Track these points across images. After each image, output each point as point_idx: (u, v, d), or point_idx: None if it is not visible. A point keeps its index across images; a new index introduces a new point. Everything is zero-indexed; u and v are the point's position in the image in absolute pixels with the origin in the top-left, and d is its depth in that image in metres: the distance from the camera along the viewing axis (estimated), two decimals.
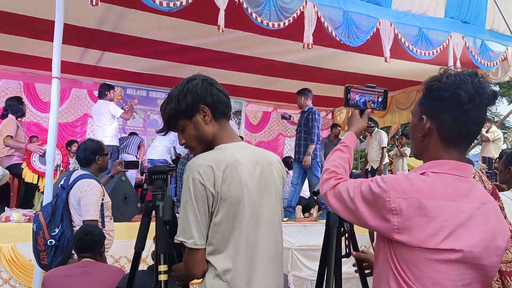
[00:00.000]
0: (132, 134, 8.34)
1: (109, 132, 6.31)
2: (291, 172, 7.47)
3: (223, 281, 1.54)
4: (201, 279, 1.60)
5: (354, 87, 1.75)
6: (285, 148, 11.66)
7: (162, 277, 1.90)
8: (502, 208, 2.32)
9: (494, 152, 7.59)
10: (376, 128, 8.36)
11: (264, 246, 1.62)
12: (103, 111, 6.32)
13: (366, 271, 1.90)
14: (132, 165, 3.85)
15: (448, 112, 1.29)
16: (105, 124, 6.32)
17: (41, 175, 5.34)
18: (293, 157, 7.18)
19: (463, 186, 1.28)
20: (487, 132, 7.87)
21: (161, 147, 7.17)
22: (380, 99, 1.77)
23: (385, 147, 8.46)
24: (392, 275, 1.27)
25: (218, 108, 1.68)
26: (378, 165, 8.38)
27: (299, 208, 7.36)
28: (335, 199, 1.40)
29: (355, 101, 1.74)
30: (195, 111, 1.66)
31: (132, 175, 7.13)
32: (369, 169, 8.65)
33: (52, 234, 3.12)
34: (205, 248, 1.56)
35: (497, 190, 2.34)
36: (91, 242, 2.84)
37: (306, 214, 7.45)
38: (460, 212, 1.24)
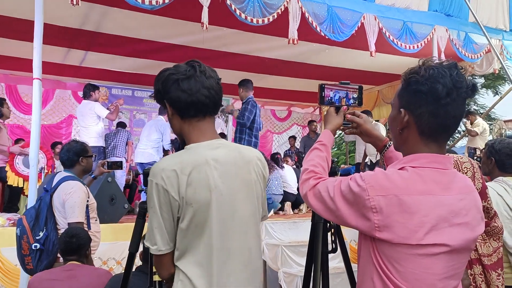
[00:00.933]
0: (119, 125, 7.99)
1: (94, 133, 6.23)
2: (281, 170, 7.47)
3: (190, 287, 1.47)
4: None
5: (327, 84, 1.73)
6: (273, 144, 11.66)
7: (157, 278, 1.88)
8: (490, 208, 2.32)
9: (480, 144, 7.65)
10: (374, 121, 8.30)
11: (237, 252, 1.51)
12: (87, 112, 6.24)
13: (353, 130, 1.75)
14: (116, 165, 3.80)
15: (426, 106, 1.27)
16: (90, 125, 6.24)
17: (25, 178, 5.26)
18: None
19: (443, 179, 1.27)
20: (472, 125, 7.92)
21: (149, 149, 7.06)
22: (355, 95, 1.76)
23: None
24: (376, 272, 1.26)
25: (179, 107, 1.55)
26: (375, 157, 8.32)
27: (288, 204, 7.37)
28: (315, 199, 1.38)
29: (329, 98, 1.73)
30: (164, 102, 1.60)
31: (122, 176, 7.07)
32: (369, 163, 8.62)
33: (37, 238, 3.06)
34: (172, 252, 1.51)
35: (487, 190, 2.34)
36: (76, 244, 2.79)
37: (296, 211, 7.46)
38: (441, 206, 1.23)
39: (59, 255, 3.09)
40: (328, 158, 1.56)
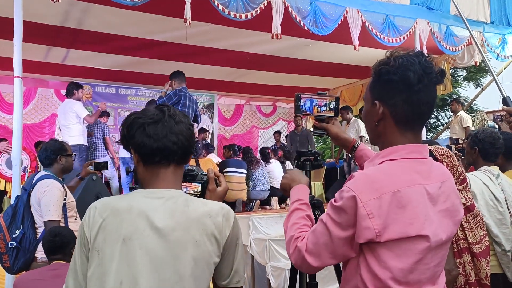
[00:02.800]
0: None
1: (75, 132, 6.16)
2: (269, 165, 7.49)
3: None
4: None
5: (303, 94, 1.75)
6: (259, 140, 11.68)
7: None
8: (468, 188, 2.36)
9: (461, 135, 7.75)
10: (354, 117, 8.36)
11: None
12: (68, 110, 6.18)
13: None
14: (102, 165, 3.77)
15: (399, 95, 1.28)
16: (71, 123, 6.17)
17: (8, 180, 5.20)
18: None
19: (423, 168, 1.29)
20: (454, 113, 8.01)
21: None
22: (331, 106, 1.78)
23: (363, 136, 8.45)
24: (361, 279, 1.25)
25: (143, 153, 1.40)
26: None
27: (275, 199, 7.40)
28: (316, 258, 1.28)
29: (304, 104, 1.75)
30: (129, 148, 1.46)
31: (114, 176, 7.03)
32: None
33: (13, 236, 3.08)
34: None
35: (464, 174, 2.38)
36: (60, 243, 2.77)
37: (283, 205, 7.49)
38: (426, 194, 1.24)
39: (37, 255, 3.12)
40: (310, 216, 1.47)
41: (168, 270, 1.29)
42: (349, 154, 1.73)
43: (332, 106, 1.79)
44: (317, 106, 1.76)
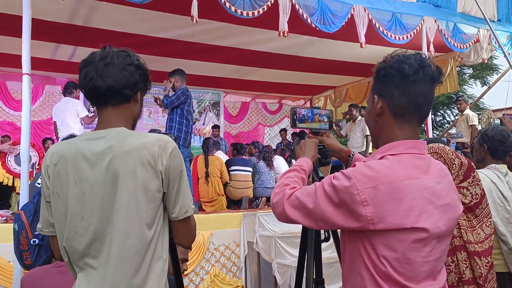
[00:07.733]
0: None
1: (76, 130, 6.12)
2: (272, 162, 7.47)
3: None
4: None
5: (299, 108, 1.82)
6: (265, 137, 11.69)
7: None
8: (478, 180, 2.34)
9: (468, 133, 7.69)
10: (360, 117, 8.33)
11: (111, 245, 1.41)
12: (70, 108, 6.13)
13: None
14: None
15: (396, 87, 1.33)
16: (72, 122, 6.11)
17: (16, 176, 5.23)
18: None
19: (421, 163, 1.31)
20: (461, 112, 7.95)
21: None
22: (325, 119, 1.85)
23: (369, 135, 8.39)
24: (364, 266, 1.27)
25: (84, 95, 1.51)
26: (364, 153, 8.29)
27: None
28: (293, 209, 1.33)
29: (301, 116, 1.81)
30: None
31: None
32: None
33: (35, 233, 3.07)
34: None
35: (472, 163, 2.36)
36: None
37: None
38: (425, 189, 1.27)
39: None
40: (305, 181, 1.54)
41: (116, 198, 1.41)
42: (345, 165, 1.78)
43: (326, 119, 1.85)
44: (311, 120, 1.83)
